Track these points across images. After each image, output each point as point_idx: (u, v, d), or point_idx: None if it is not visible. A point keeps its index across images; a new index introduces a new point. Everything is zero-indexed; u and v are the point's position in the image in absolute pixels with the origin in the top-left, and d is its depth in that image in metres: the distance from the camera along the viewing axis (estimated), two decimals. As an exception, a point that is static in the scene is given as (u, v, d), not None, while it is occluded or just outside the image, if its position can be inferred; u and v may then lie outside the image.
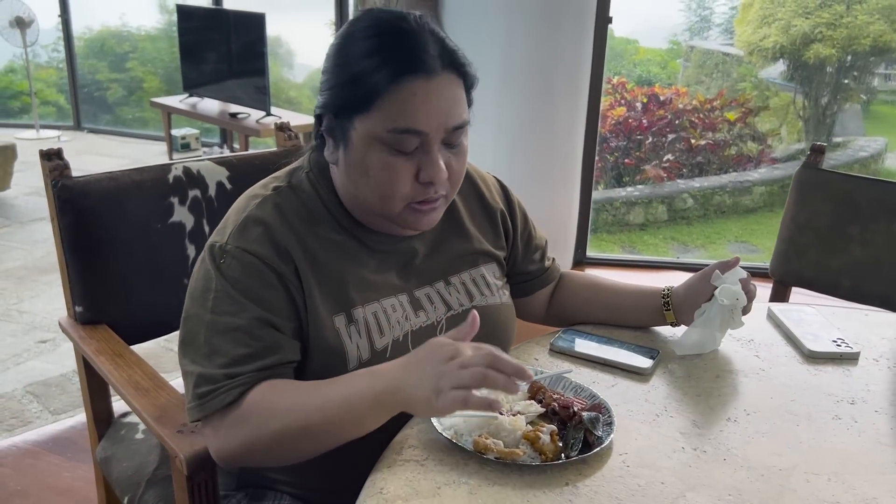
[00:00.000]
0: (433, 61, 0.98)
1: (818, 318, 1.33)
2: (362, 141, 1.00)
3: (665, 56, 9.86)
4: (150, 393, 1.20)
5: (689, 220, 5.80)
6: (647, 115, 6.12)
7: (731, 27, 8.75)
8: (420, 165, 1.00)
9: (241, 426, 0.95)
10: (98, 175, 1.42)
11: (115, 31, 8.46)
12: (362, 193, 1.04)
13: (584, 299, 1.31)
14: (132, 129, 7.17)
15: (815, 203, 1.80)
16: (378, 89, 0.97)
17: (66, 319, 1.43)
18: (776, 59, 6.95)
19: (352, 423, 0.92)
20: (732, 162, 6.32)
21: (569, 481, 0.91)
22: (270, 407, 0.95)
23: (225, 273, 1.00)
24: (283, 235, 1.03)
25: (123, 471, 1.34)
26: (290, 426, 0.93)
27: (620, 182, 6.14)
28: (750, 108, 6.44)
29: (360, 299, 1.06)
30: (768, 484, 0.92)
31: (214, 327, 0.99)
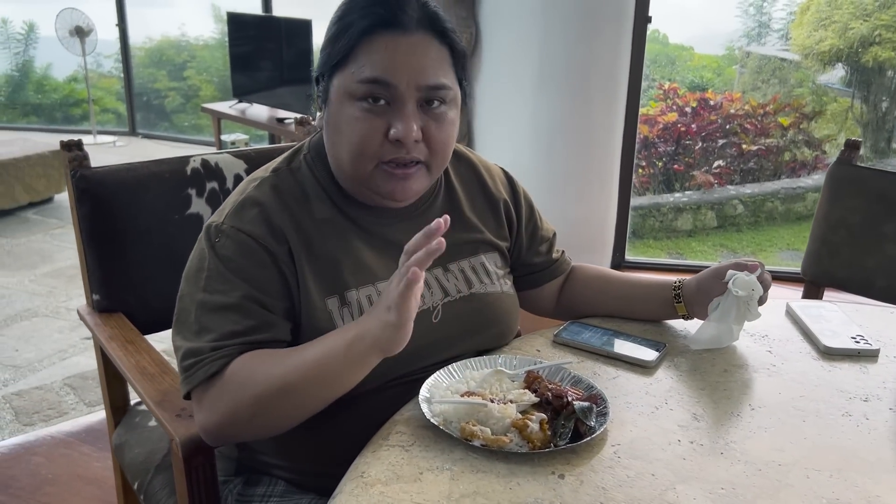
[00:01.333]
0: (408, 19, 1.00)
1: (838, 314, 1.27)
2: (338, 96, 1.02)
3: (721, 62, 9.69)
4: (154, 378, 1.22)
5: (738, 226, 5.66)
6: (696, 119, 6.00)
7: (789, 32, 8.55)
8: (391, 122, 1.01)
9: (222, 396, 0.96)
10: (116, 166, 1.45)
11: (173, 41, 8.67)
12: (338, 153, 1.05)
13: (594, 290, 1.29)
14: (185, 135, 7.33)
15: (848, 200, 1.74)
16: (351, 43, 0.99)
17: (84, 307, 1.47)
18: (832, 63, 6.75)
19: (330, 377, 0.93)
20: (786, 168, 6.15)
21: (555, 470, 0.89)
22: (249, 373, 0.95)
23: (219, 252, 1.02)
24: (279, 216, 1.04)
25: (135, 457, 1.36)
26: (269, 388, 0.93)
27: (670, 188, 6.03)
28: (805, 113, 6.26)
29: (355, 282, 1.06)
30: (765, 479, 0.88)
31: (205, 305, 1.00)
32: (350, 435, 1.02)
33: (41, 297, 3.47)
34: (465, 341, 1.13)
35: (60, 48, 6.29)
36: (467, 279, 1.15)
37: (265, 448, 1.12)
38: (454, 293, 1.13)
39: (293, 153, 1.13)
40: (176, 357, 1.03)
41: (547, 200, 2.15)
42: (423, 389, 1.01)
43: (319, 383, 0.93)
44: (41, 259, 3.96)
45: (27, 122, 7.73)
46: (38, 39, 8.14)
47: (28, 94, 8.03)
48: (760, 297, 1.15)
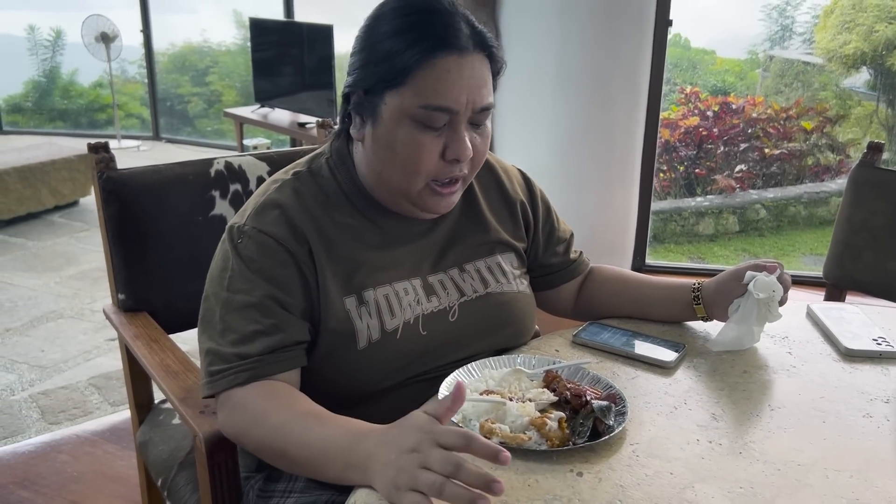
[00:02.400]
0: (465, 40, 1.01)
1: (860, 316, 1.27)
2: (392, 116, 1.02)
3: (743, 66, 9.62)
4: (179, 376, 1.23)
5: (761, 231, 5.62)
6: (718, 123, 5.97)
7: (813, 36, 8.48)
8: (446, 143, 1.02)
9: (237, 415, 0.99)
10: (142, 168, 1.47)
11: (196, 47, 8.76)
12: (387, 170, 1.06)
13: (612, 292, 1.29)
14: (208, 140, 7.41)
15: (870, 203, 1.73)
16: (411, 65, 0.99)
17: (110, 307, 1.49)
18: (857, 67, 6.69)
19: (320, 471, 0.91)
20: (809, 172, 6.10)
21: (573, 468, 0.89)
22: (264, 414, 0.97)
23: (241, 253, 1.04)
24: (300, 218, 1.06)
25: (159, 454, 1.38)
26: (270, 443, 0.96)
27: (692, 192, 6.00)
28: (828, 116, 6.21)
29: (372, 282, 1.08)
30: (784, 478, 0.88)
31: (229, 305, 1.02)
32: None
33: (66, 299, 3.52)
34: (481, 340, 1.14)
35: (86, 54, 6.38)
36: (483, 279, 1.16)
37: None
38: (470, 293, 1.14)
39: (314, 157, 1.15)
40: (200, 357, 1.05)
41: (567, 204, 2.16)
42: (442, 388, 1.02)
43: (311, 467, 0.93)
44: (66, 261, 4.02)
45: (53, 126, 7.84)
46: (65, 46, 8.27)
47: (55, 100, 8.15)
48: (781, 298, 1.15)
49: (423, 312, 1.09)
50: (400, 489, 0.77)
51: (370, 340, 1.05)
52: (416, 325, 1.08)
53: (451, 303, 1.12)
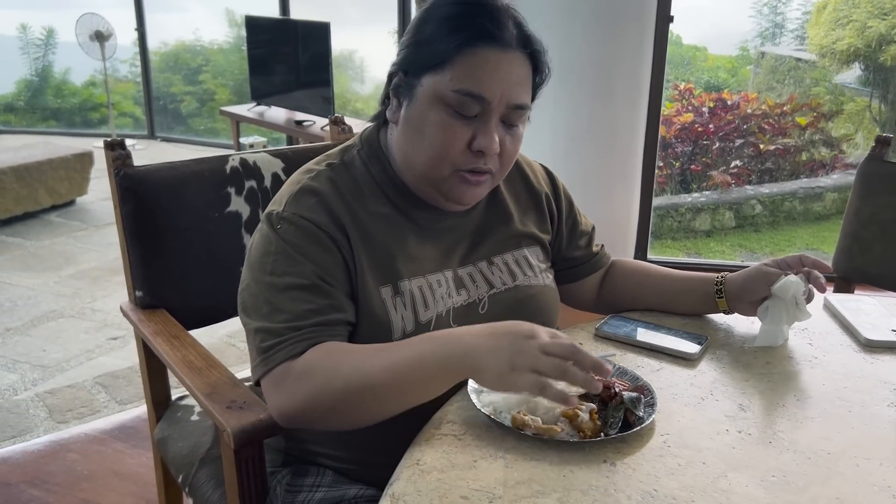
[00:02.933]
0: (509, 36, 1.02)
1: (877, 307, 1.28)
2: (426, 98, 1.03)
3: (735, 63, 9.66)
4: (202, 372, 1.24)
5: (757, 226, 5.65)
6: (714, 119, 6.00)
7: (804, 32, 8.52)
8: (475, 134, 1.03)
9: (305, 381, 0.95)
10: (158, 165, 1.47)
11: (188, 46, 8.73)
12: (414, 153, 1.06)
13: (635, 283, 1.30)
14: (202, 138, 7.39)
15: (879, 196, 1.74)
16: (452, 50, 1.01)
17: (127, 304, 1.49)
18: (850, 63, 6.73)
19: (418, 384, 0.92)
20: (804, 168, 6.14)
21: (607, 458, 0.90)
22: (336, 364, 0.95)
23: (284, 237, 1.03)
24: (337, 205, 1.06)
25: (178, 450, 1.38)
26: (355, 385, 0.93)
27: (687, 188, 6.03)
28: (822, 112, 6.25)
29: (407, 272, 1.08)
30: (815, 467, 0.89)
31: (275, 287, 1.01)
32: (398, 426, 1.04)
33: (66, 299, 3.51)
34: None
35: (78, 53, 6.34)
36: (511, 272, 1.17)
37: (315, 438, 1.14)
38: (499, 285, 1.15)
39: (345, 149, 1.15)
40: (249, 341, 1.04)
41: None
42: (470, 381, 1.02)
43: (406, 387, 0.93)
44: (65, 261, 4.00)
45: (46, 126, 7.81)
46: (57, 45, 8.23)
47: (47, 99, 8.12)
48: (808, 295, 1.16)
49: (453, 305, 1.10)
50: (518, 369, 0.85)
51: (404, 332, 1.05)
52: (447, 318, 1.09)
53: (481, 295, 1.13)
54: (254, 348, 1.02)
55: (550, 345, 0.87)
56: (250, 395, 1.15)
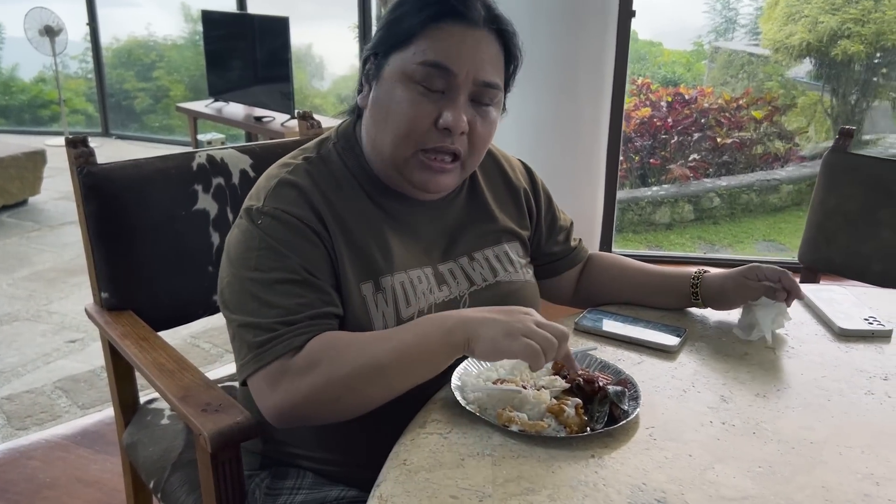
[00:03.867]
0: (476, 14, 1.02)
1: (849, 297, 1.30)
2: (392, 76, 1.02)
3: (690, 58, 9.79)
4: (174, 374, 1.20)
5: (715, 219, 5.74)
6: (672, 114, 6.07)
7: (757, 27, 8.66)
8: (441, 111, 1.01)
9: (308, 374, 0.93)
10: (123, 162, 1.43)
11: (141, 41, 8.56)
12: (380, 134, 1.05)
13: (611, 277, 1.30)
14: (157, 136, 7.26)
15: (843, 187, 1.77)
16: (417, 27, 1.00)
17: (93, 306, 1.45)
18: (803, 57, 6.86)
19: (423, 361, 0.93)
20: (759, 161, 6.24)
21: (594, 453, 0.90)
22: (340, 352, 0.94)
23: (266, 231, 1.01)
24: (317, 199, 1.04)
25: (149, 455, 1.35)
26: (363, 368, 0.92)
27: (646, 182, 6.09)
28: (777, 106, 6.36)
29: (388, 268, 1.06)
30: (799, 456, 0.90)
31: (261, 282, 0.98)
32: (379, 425, 1.02)
33: (21, 301, 3.41)
34: None
35: (26, 49, 6.17)
36: (492, 268, 1.16)
37: (294, 440, 1.12)
38: (480, 282, 1.14)
39: (320, 142, 1.13)
40: (237, 338, 1.00)
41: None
42: (454, 378, 1.01)
43: (414, 364, 0.93)
44: (19, 262, 3.89)
45: (-6, 124, 7.59)
46: (5, 40, 8.00)
47: (-6, 96, 7.89)
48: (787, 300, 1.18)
49: (435, 302, 1.08)
50: (513, 335, 0.89)
51: (385, 329, 1.03)
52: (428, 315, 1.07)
53: (462, 292, 1.12)
54: (243, 345, 0.98)
55: (544, 323, 0.93)
56: (225, 398, 1.12)
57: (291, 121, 4.85)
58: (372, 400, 0.95)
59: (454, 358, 0.94)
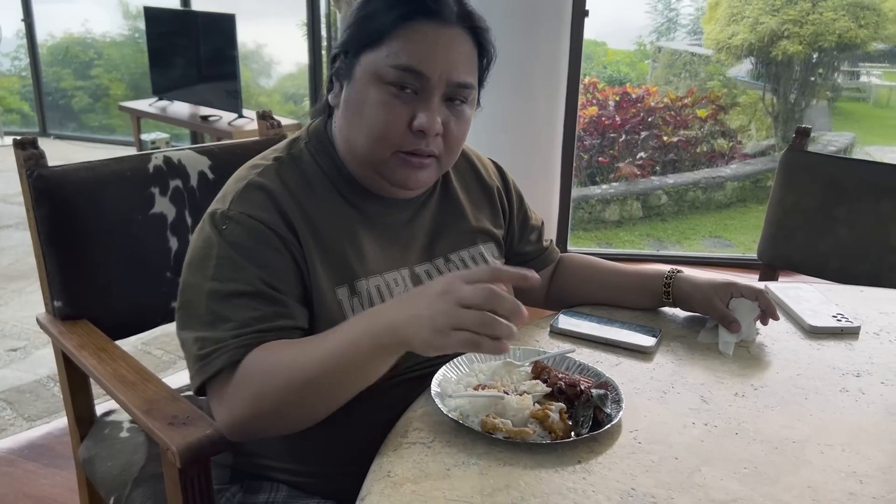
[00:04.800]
0: (449, 11, 0.99)
1: (816, 294, 1.32)
2: (365, 76, 0.99)
3: (633, 57, 9.94)
4: (137, 386, 1.15)
5: (663, 216, 5.83)
6: (619, 113, 6.14)
7: (698, 28, 8.84)
8: (416, 112, 0.99)
9: (244, 387, 0.90)
10: (75, 165, 1.37)
11: (78, 38, 8.31)
12: (354, 135, 1.02)
13: (583, 279, 1.29)
14: (97, 135, 7.05)
15: (801, 186, 1.80)
16: (389, 26, 0.97)
17: (45, 315, 1.38)
18: (745, 57, 7.02)
19: (354, 370, 0.87)
20: (705, 158, 6.37)
21: (581, 459, 0.88)
22: (270, 364, 0.90)
23: (227, 238, 0.97)
24: (286, 203, 1.00)
25: (108, 470, 1.29)
26: (292, 381, 0.88)
27: (594, 180, 6.16)
28: (721, 105, 6.49)
29: (363, 271, 1.04)
30: (783, 456, 0.90)
31: (216, 294, 0.95)
32: (356, 435, 1.00)
33: (-43, 309, 3.27)
34: None
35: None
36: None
37: (266, 451, 1.08)
38: None
39: (291, 141, 1.10)
40: (185, 349, 0.97)
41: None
42: (433, 384, 0.99)
43: (343, 374, 0.88)
44: (-47, 269, 3.73)
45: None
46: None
47: (-79, 95, 7.57)
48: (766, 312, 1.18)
49: None
50: (442, 331, 0.78)
51: None
52: None
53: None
54: (189, 357, 0.96)
55: (466, 296, 0.78)
56: (193, 410, 1.08)
57: (239, 120, 4.75)
58: (314, 411, 0.91)
59: (391, 361, 0.88)
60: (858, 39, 6.62)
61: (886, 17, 6.73)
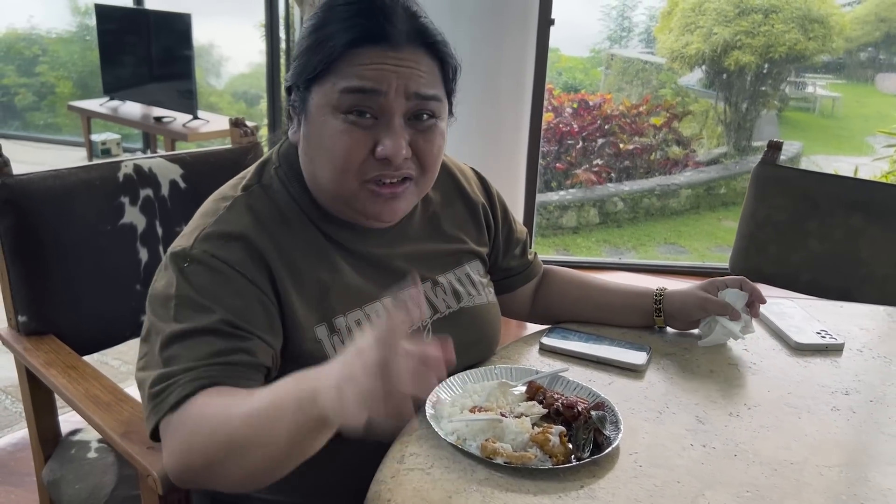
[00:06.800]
0: (398, 34, 0.92)
1: (798, 310, 1.32)
2: (319, 109, 0.94)
3: (586, 64, 10.04)
4: (111, 407, 1.10)
5: (619, 222, 5.88)
6: (577, 120, 6.19)
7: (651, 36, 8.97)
8: (378, 139, 0.93)
9: (177, 433, 0.83)
10: (42, 173, 1.31)
11: (23, 35, 8.05)
12: (318, 170, 0.96)
13: (573, 297, 1.28)
14: (43, 135, 6.84)
15: (773, 199, 1.82)
16: (334, 55, 0.91)
17: (7, 331, 1.31)
18: (698, 66, 7.15)
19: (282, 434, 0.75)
20: (659, 166, 6.45)
21: (584, 484, 0.87)
22: (204, 412, 0.82)
23: (189, 278, 0.91)
24: (259, 240, 0.94)
25: (76, 493, 1.23)
26: (216, 435, 0.79)
27: (550, 186, 6.19)
28: (675, 113, 6.59)
29: (342, 307, 0.99)
30: (783, 479, 0.89)
31: (174, 335, 0.88)
32: (342, 462, 0.96)
33: None
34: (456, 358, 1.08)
35: None
36: (455, 292, 1.10)
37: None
38: (443, 309, 1.08)
39: (261, 166, 1.04)
40: (141, 392, 0.90)
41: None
42: (427, 406, 0.96)
43: (266, 439, 0.76)
44: None
45: None
46: None
47: None
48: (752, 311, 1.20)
49: None
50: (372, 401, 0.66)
51: None
52: None
53: (424, 321, 1.06)
54: (145, 398, 0.88)
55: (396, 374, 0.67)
56: (172, 432, 1.03)
57: (194, 121, 4.66)
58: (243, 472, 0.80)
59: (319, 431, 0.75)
60: (807, 51, 6.80)
61: (833, 30, 6.92)
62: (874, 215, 1.72)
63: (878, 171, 4.51)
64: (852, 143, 8.28)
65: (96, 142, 5.34)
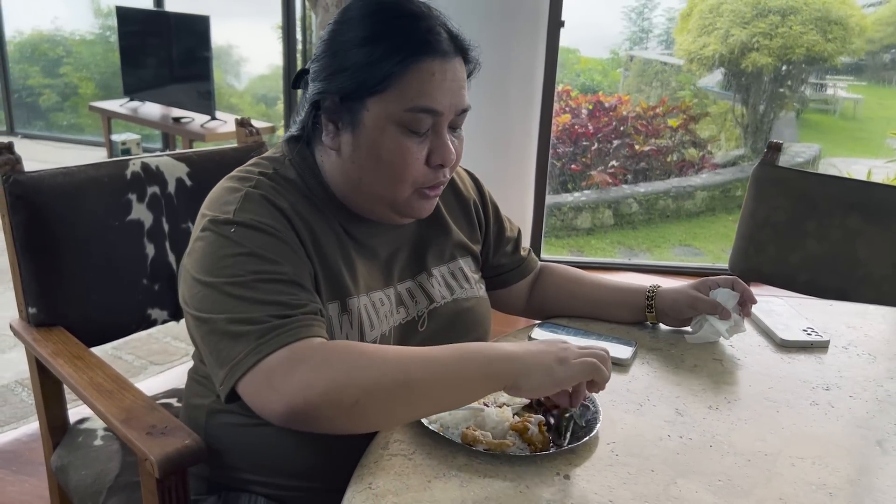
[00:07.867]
0: (447, 44, 0.99)
1: (787, 308, 1.35)
2: (376, 123, 0.98)
3: (606, 65, 10.02)
4: (114, 395, 1.15)
5: (634, 224, 5.88)
6: (592, 121, 6.20)
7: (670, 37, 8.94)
8: (431, 148, 1.00)
9: (327, 368, 0.84)
10: (52, 170, 1.36)
11: (47, 36, 8.18)
12: (369, 178, 1.01)
13: (567, 292, 1.31)
14: (66, 135, 6.95)
15: (772, 199, 1.84)
16: (395, 70, 0.96)
17: (19, 322, 1.36)
18: (716, 68, 7.12)
19: (458, 384, 0.88)
20: (675, 167, 6.44)
21: (560, 471, 0.90)
22: (365, 353, 0.86)
23: (245, 241, 0.93)
24: (289, 213, 0.99)
25: (82, 479, 1.28)
26: (388, 377, 0.84)
27: (566, 188, 6.20)
28: (691, 115, 6.58)
29: (355, 290, 1.04)
30: (756, 469, 0.92)
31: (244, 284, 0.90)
32: (334, 448, 1.00)
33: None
34: None
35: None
36: (449, 285, 1.15)
37: (244, 465, 1.08)
38: (439, 299, 1.13)
39: (272, 160, 1.07)
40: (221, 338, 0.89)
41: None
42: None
43: (445, 386, 0.87)
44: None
45: None
46: None
47: None
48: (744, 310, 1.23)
49: (394, 324, 1.07)
50: (564, 363, 0.90)
51: None
52: (389, 337, 1.05)
53: (420, 311, 1.10)
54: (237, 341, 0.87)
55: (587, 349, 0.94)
56: (171, 419, 1.08)
57: (212, 122, 4.72)
58: (392, 416, 0.87)
59: (490, 391, 0.90)
60: (826, 53, 6.75)
61: (853, 32, 6.87)
62: (872, 216, 1.74)
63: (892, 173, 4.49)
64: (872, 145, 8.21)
65: (116, 142, 5.43)
